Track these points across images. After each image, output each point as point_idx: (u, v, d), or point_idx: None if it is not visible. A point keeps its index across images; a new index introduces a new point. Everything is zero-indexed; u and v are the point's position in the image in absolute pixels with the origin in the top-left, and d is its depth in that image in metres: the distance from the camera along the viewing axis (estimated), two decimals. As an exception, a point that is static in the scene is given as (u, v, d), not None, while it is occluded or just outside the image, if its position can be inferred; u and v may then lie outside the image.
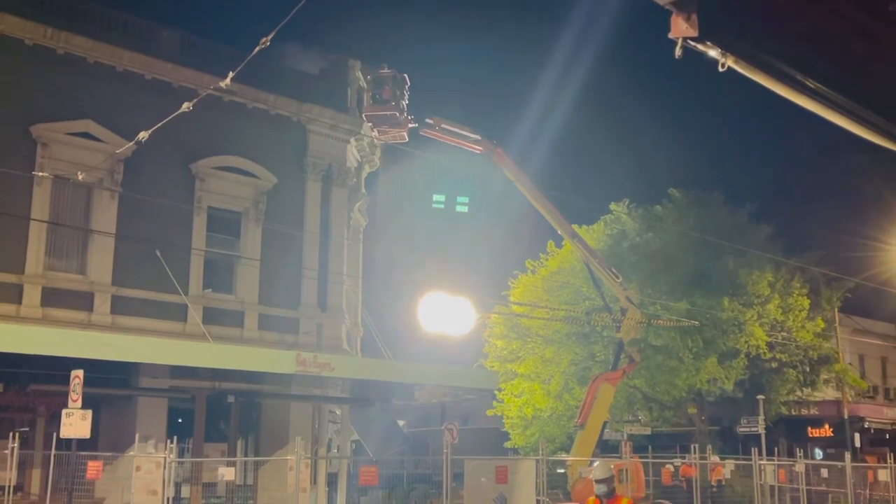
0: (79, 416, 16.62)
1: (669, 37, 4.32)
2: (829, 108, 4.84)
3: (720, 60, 4.35)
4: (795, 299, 32.98)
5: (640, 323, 27.75)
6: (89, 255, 21.61)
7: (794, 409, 36.10)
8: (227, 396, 22.57)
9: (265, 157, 24.58)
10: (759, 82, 4.71)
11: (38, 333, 18.57)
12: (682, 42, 4.28)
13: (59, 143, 21.17)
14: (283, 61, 25.41)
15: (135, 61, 22.32)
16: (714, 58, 4.37)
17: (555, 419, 33.11)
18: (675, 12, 4.25)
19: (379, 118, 26.25)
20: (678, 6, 4.22)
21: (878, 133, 4.91)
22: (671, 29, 4.29)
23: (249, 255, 24.09)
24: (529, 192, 27.66)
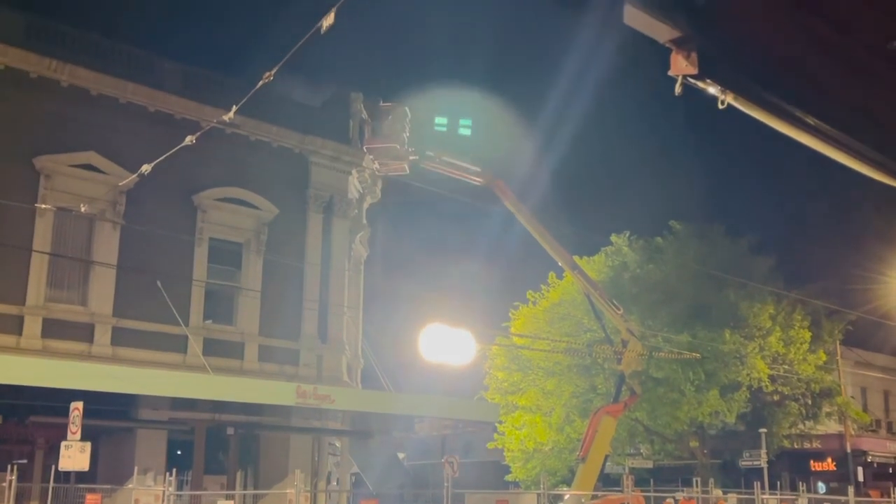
0: (77, 449, 16.56)
1: (669, 74, 4.36)
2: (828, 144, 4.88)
3: (720, 97, 4.40)
4: (797, 332, 32.91)
5: (641, 355, 27.66)
6: (90, 287, 21.62)
7: (797, 443, 35.88)
8: (227, 428, 22.48)
9: (267, 189, 24.66)
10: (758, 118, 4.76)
11: (38, 365, 18.53)
12: (682, 79, 4.32)
13: (62, 174, 21.26)
14: (285, 93, 25.52)
15: (138, 93, 22.46)
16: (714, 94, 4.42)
17: (556, 452, 32.91)
18: (675, 50, 4.30)
19: (380, 150, 26.39)
20: (678, 44, 4.27)
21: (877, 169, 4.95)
22: (671, 67, 4.33)
23: (250, 286, 24.09)
24: (530, 224, 27.71)
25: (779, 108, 4.57)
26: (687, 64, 4.26)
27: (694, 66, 4.25)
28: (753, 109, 4.52)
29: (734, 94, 4.41)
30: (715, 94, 4.39)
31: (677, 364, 29.28)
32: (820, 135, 4.82)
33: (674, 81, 4.43)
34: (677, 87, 4.33)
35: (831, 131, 4.72)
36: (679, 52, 4.28)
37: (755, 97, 4.47)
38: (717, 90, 4.35)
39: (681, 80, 4.30)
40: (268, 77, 9.78)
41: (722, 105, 4.40)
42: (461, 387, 35.04)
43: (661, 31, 4.18)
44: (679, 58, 4.29)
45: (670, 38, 4.22)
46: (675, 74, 4.31)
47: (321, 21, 7.81)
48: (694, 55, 4.25)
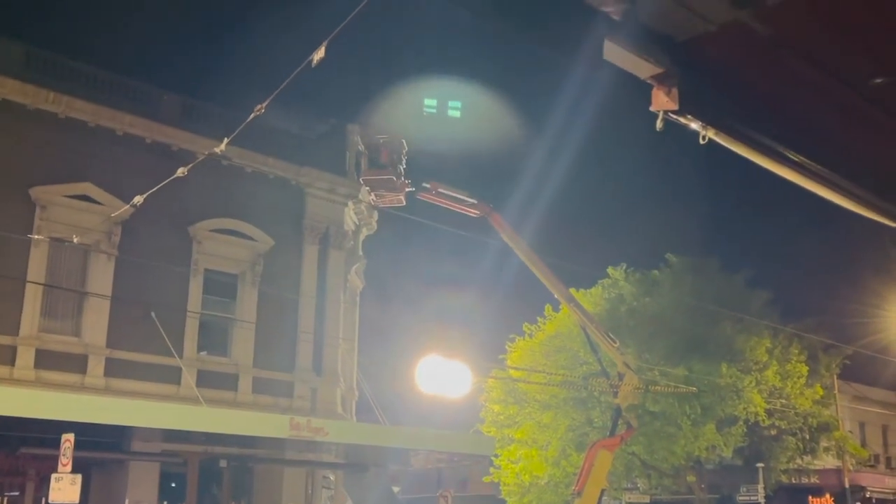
0: (68, 481, 16.45)
1: (651, 109, 4.41)
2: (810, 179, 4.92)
3: (701, 133, 4.44)
4: (794, 366, 32.85)
5: (637, 388, 27.56)
6: (84, 317, 21.59)
7: (795, 478, 35.67)
8: (220, 461, 22.31)
9: (263, 220, 24.71)
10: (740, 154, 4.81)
11: (30, 396, 18.47)
12: (662, 115, 4.37)
13: (58, 205, 21.32)
14: (282, 125, 25.67)
15: (135, 125, 22.59)
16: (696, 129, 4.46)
17: (552, 486, 32.69)
18: (656, 86, 4.35)
19: (376, 182, 26.49)
20: (659, 80, 4.32)
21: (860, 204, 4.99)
22: (652, 102, 4.38)
23: (245, 317, 24.07)
24: (526, 256, 27.74)
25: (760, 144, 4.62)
26: (668, 100, 4.30)
27: (675, 102, 4.29)
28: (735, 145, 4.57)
29: (715, 130, 4.46)
30: (696, 129, 4.43)
31: (674, 398, 29.18)
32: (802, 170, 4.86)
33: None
34: (658, 122, 4.38)
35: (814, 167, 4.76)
36: (660, 87, 4.33)
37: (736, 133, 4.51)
38: (699, 126, 4.39)
39: (662, 115, 4.35)
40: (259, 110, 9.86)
41: (703, 140, 4.45)
42: (457, 419, 34.90)
43: (642, 68, 4.23)
44: (660, 93, 4.34)
45: (651, 74, 4.27)
46: (657, 110, 4.36)
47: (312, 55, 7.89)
48: (675, 91, 4.29)
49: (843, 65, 4.43)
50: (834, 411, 36.57)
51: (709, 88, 4.41)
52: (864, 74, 4.46)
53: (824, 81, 4.51)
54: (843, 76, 4.48)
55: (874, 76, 4.40)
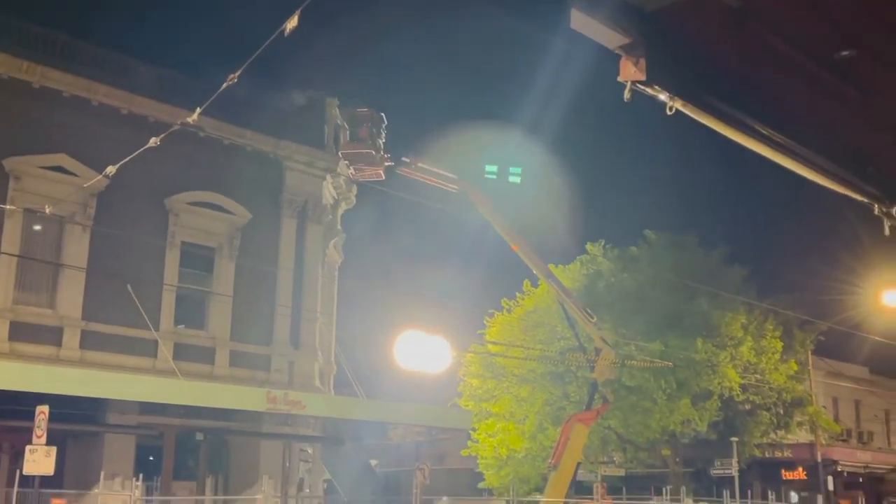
0: (43, 453, 16.37)
1: (619, 80, 4.41)
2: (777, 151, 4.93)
3: (668, 103, 4.45)
4: (768, 341, 33.17)
5: (614, 363, 27.81)
6: (59, 290, 21.43)
7: (768, 452, 36.12)
8: (197, 434, 22.31)
9: (240, 193, 24.56)
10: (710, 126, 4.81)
11: (4, 368, 18.33)
12: (630, 85, 4.37)
13: (32, 176, 21.09)
14: (260, 98, 25.47)
15: (110, 96, 22.34)
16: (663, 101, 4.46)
17: (529, 459, 32.96)
18: (624, 56, 4.35)
19: (355, 156, 26.45)
20: (627, 50, 4.31)
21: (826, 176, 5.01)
22: (620, 72, 4.38)
23: (222, 290, 23.98)
24: (504, 232, 27.81)
25: (727, 116, 4.63)
26: (635, 70, 4.30)
27: (642, 73, 4.29)
28: (702, 116, 4.58)
29: (682, 101, 4.46)
30: (664, 100, 4.44)
31: (649, 373, 29.44)
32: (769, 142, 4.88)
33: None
34: (626, 92, 4.38)
35: (780, 139, 4.78)
36: (628, 58, 4.33)
37: (703, 105, 4.52)
38: (666, 97, 4.40)
39: (629, 85, 4.35)
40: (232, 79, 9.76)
41: (670, 111, 4.45)
42: (435, 394, 35.04)
43: (610, 38, 4.22)
44: (628, 64, 4.33)
45: (619, 44, 4.26)
46: (624, 80, 4.36)
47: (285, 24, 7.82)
48: (642, 61, 4.29)
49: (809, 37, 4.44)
50: (808, 387, 37.00)
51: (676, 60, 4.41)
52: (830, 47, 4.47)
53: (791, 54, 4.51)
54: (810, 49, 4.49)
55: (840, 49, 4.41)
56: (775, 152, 4.96)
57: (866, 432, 46.84)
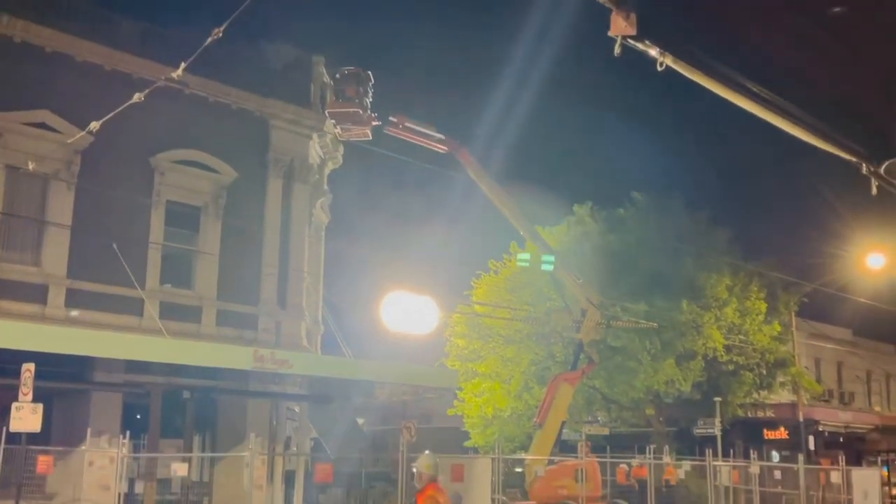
0: (29, 410, 16.39)
1: (609, 35, 4.36)
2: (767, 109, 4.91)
3: (659, 59, 4.41)
4: (753, 303, 33.40)
5: (599, 324, 27.96)
6: (44, 247, 21.30)
7: (751, 412, 36.52)
8: (184, 392, 22.37)
9: (226, 152, 24.38)
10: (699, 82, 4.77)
11: (-12, 326, 18.29)
12: (620, 40, 4.32)
13: (15, 132, 20.85)
14: (245, 56, 25.20)
15: (94, 52, 22.04)
16: (653, 56, 4.42)
17: (514, 419, 33.24)
18: (614, 11, 4.29)
19: (342, 115, 26.19)
20: (617, 4, 4.26)
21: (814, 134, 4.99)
22: (611, 27, 4.33)
23: (208, 250, 23.89)
24: (492, 192, 27.75)
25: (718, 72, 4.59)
26: (626, 25, 4.26)
27: (633, 27, 4.25)
28: (692, 73, 4.54)
29: (673, 57, 4.42)
30: (654, 55, 4.40)
31: (635, 333, 29.63)
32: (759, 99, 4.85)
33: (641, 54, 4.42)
34: (616, 47, 4.33)
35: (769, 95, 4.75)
36: (619, 12, 4.27)
37: (694, 60, 4.49)
38: (656, 52, 4.36)
39: (619, 40, 4.30)
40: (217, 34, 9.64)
41: (660, 67, 4.41)
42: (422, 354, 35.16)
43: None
44: (618, 18, 4.28)
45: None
46: (615, 35, 4.31)
47: (271, -23, 7.70)
48: (633, 16, 4.25)
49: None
50: (791, 348, 37.35)
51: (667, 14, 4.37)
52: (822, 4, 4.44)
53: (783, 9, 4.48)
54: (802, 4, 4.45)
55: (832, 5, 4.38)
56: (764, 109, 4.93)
57: (847, 393, 47.46)
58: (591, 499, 25.20)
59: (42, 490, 19.90)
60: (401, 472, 17.72)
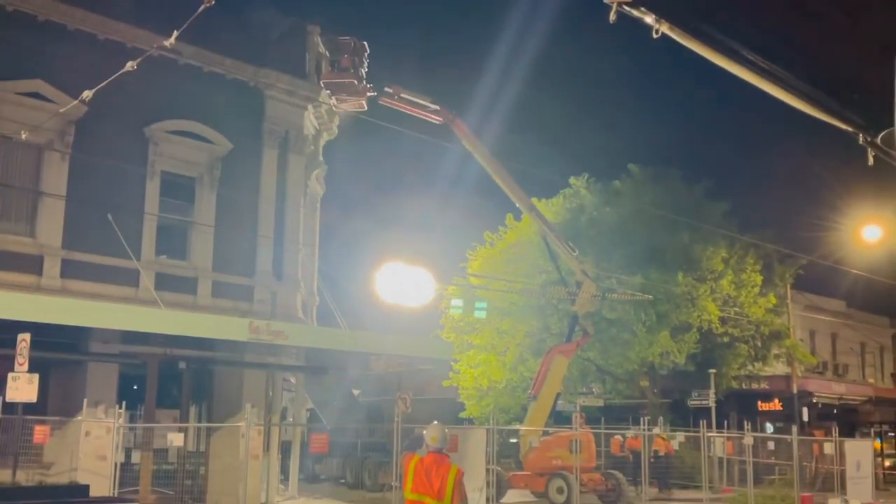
0: (25, 380, 16.43)
1: (605, 1, 4.32)
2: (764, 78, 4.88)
3: (654, 26, 4.37)
4: (748, 275, 33.52)
5: (594, 296, 28.06)
6: (38, 218, 21.21)
7: (745, 384, 36.79)
8: (179, 363, 22.40)
9: (221, 123, 24.24)
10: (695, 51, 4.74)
11: (-17, 296, 18.26)
12: (616, 6, 4.28)
13: (8, 102, 20.69)
14: (240, 25, 24.99)
15: (87, 21, 21.82)
16: (649, 24, 4.39)
17: (509, 390, 33.41)
18: (610, -24, 4.25)
19: (337, 86, 26.11)
20: (613, -30, 4.22)
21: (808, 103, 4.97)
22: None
23: (204, 221, 23.83)
24: (487, 163, 27.71)
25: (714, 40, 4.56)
26: (622, -10, 4.22)
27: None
28: (688, 40, 4.51)
29: (669, 25, 4.39)
30: (650, 23, 4.36)
31: (630, 305, 29.73)
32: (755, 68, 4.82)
33: (642, 27, 4.38)
34: (612, 14, 4.30)
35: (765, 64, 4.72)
36: (615, -22, 4.23)
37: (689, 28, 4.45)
38: (652, 19, 4.32)
39: (615, 7, 4.26)
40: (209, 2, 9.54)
41: (656, 34, 4.38)
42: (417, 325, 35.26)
43: (596, -44, 4.13)
44: (615, -16, 4.24)
45: (605, -36, 4.17)
46: (610, 2, 4.27)
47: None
48: (629, -18, 4.21)
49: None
50: (786, 320, 37.52)
51: (664, -20, 4.33)
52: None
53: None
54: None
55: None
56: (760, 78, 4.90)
57: (841, 365, 47.73)
58: (586, 470, 25.42)
59: (39, 459, 19.98)
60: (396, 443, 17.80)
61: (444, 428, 9.00)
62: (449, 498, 8.31)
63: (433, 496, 8.34)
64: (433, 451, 8.71)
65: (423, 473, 8.52)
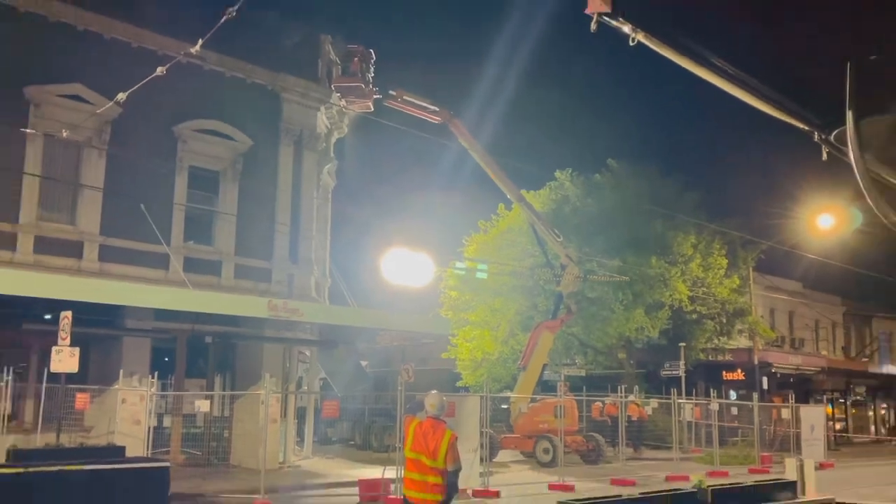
0: (67, 353, 16.42)
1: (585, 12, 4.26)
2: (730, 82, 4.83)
3: (631, 35, 4.31)
4: (715, 259, 33.52)
5: (577, 278, 28.07)
6: (79, 208, 21.18)
7: (711, 356, 36.83)
8: (206, 337, 22.44)
9: (242, 122, 24.15)
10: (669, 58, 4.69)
11: (29, 277, 18.25)
12: (597, 17, 4.22)
13: (51, 104, 20.61)
14: (259, 34, 24.84)
15: (121, 30, 21.71)
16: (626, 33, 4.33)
17: (501, 361, 33.44)
18: (592, -11, 4.19)
19: (347, 89, 26.06)
20: (594, -17, 4.16)
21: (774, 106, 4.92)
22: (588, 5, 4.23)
23: (227, 210, 23.78)
24: (481, 159, 27.66)
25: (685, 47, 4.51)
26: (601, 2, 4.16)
27: (608, 5, 4.15)
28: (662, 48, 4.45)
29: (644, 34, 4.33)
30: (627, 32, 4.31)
31: (609, 286, 29.74)
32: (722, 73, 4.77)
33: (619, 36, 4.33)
34: (592, 24, 4.24)
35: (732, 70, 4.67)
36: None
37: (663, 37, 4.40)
38: (629, 28, 4.26)
39: (596, 17, 4.21)
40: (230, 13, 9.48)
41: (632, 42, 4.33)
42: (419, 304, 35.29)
43: (579, -28, 4.07)
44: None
45: (587, -22, 4.11)
46: (591, 12, 4.21)
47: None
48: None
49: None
50: (748, 299, 37.53)
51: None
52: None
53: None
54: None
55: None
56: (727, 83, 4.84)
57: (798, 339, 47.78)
58: (569, 432, 25.48)
59: (80, 424, 20.04)
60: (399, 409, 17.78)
61: (441, 397, 9.02)
62: (442, 458, 8.37)
63: (428, 455, 8.40)
64: (431, 417, 8.73)
65: (421, 436, 8.56)
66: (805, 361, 44.15)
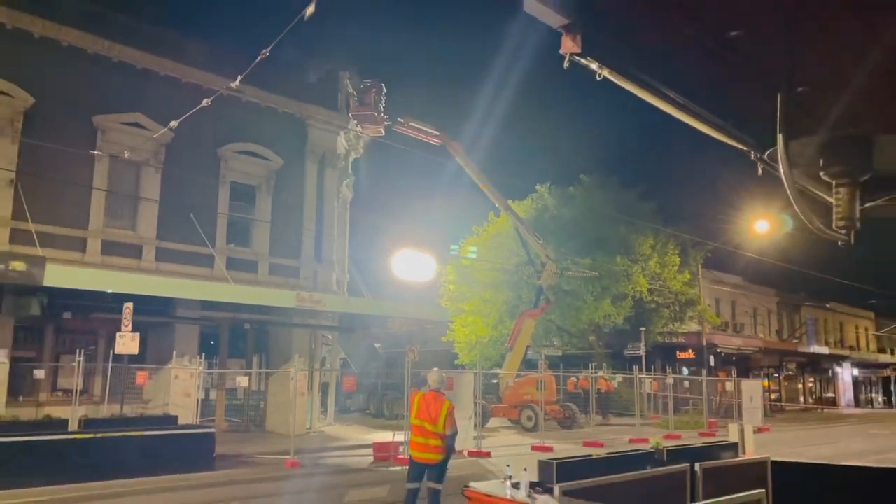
0: (129, 338, 16.42)
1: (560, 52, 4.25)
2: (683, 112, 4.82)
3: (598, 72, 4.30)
4: (669, 257, 33.46)
5: (555, 273, 28.03)
6: (138, 216, 21.16)
7: (667, 338, 36.75)
8: (244, 324, 22.41)
9: (275, 145, 24.14)
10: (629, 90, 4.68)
11: (98, 274, 18.24)
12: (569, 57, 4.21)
13: (115, 130, 20.59)
14: (289, 71, 24.84)
15: (173, 68, 21.71)
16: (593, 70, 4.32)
17: (492, 343, 33.37)
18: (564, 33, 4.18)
19: (362, 117, 26.02)
20: (567, 29, 4.15)
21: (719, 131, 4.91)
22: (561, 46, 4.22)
23: (262, 218, 23.77)
24: (476, 175, 27.64)
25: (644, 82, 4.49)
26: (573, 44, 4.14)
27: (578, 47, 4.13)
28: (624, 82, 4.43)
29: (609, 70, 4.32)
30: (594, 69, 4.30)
31: (581, 280, 29.70)
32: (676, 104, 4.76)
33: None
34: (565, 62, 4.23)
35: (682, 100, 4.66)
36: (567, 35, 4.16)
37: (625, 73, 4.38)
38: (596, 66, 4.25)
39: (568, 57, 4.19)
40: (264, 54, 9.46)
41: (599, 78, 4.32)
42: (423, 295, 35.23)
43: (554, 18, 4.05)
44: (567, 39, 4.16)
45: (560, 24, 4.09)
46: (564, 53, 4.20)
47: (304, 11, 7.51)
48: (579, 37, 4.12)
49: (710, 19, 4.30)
50: (698, 291, 37.47)
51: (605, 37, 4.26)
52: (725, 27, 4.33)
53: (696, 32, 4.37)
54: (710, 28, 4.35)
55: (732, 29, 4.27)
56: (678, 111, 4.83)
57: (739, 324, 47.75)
58: (549, 402, 25.45)
59: (140, 397, 20.02)
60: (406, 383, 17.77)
61: (441, 373, 9.04)
62: (442, 424, 8.38)
63: (430, 422, 8.41)
64: (433, 390, 8.72)
65: (424, 406, 8.57)
66: (745, 343, 44.14)
